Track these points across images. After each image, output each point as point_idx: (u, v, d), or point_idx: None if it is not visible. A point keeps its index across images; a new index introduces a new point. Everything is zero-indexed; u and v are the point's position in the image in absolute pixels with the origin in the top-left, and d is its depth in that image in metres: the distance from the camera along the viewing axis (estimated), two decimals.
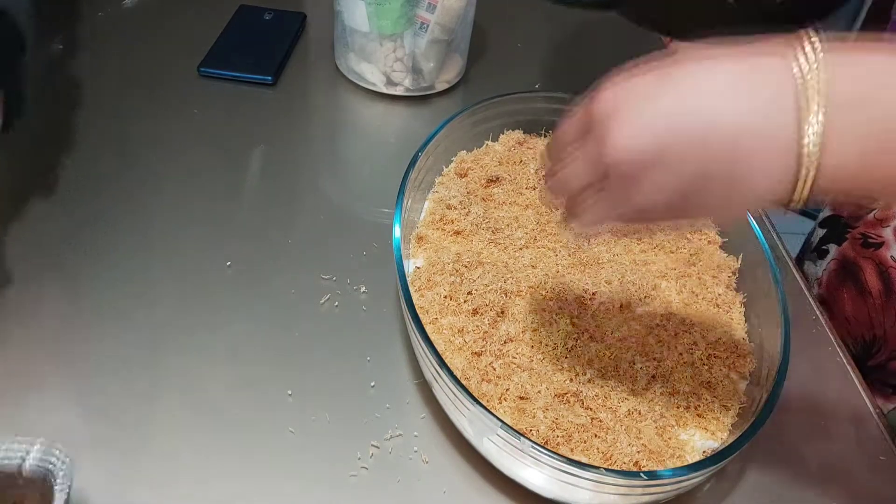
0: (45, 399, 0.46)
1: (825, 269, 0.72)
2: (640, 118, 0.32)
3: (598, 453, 0.43)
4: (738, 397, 0.48)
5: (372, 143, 0.72)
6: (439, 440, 0.47)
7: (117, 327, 0.51)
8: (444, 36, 0.71)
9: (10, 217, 0.57)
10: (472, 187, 0.60)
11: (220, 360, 0.50)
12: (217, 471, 0.44)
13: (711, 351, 0.50)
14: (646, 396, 0.47)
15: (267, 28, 0.81)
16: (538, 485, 0.43)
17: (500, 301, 0.50)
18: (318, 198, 0.63)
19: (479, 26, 0.77)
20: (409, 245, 0.55)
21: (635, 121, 0.32)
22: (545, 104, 0.66)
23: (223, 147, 0.67)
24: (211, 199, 0.62)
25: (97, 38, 0.78)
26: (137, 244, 0.57)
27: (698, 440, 0.46)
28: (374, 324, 0.54)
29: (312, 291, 0.55)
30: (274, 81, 0.75)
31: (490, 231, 0.56)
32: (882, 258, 0.64)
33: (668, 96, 0.31)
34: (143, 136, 0.67)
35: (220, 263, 0.56)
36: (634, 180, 0.32)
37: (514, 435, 0.39)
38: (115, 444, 0.44)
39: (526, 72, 0.83)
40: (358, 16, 0.69)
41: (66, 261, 0.55)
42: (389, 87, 0.75)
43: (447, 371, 0.41)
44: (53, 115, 0.68)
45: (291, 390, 0.48)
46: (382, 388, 0.49)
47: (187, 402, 0.47)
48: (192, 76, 0.74)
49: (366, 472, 0.45)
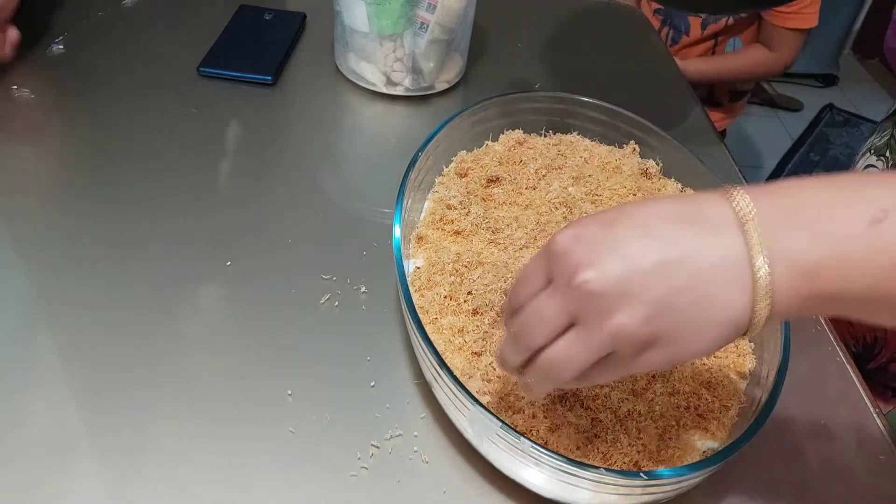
0: (46, 400, 0.46)
1: None
2: (602, 246, 0.33)
3: (598, 453, 0.43)
4: (738, 397, 0.48)
5: (372, 143, 0.72)
6: (439, 440, 0.47)
7: (117, 327, 0.51)
8: (444, 36, 0.71)
9: (9, 214, 0.57)
10: (472, 187, 0.60)
11: (219, 360, 0.50)
12: (217, 471, 0.44)
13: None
14: (646, 396, 0.47)
15: (267, 28, 0.81)
16: (538, 485, 0.43)
17: (500, 301, 0.50)
18: (318, 198, 0.63)
19: (479, 26, 0.77)
20: (409, 245, 0.55)
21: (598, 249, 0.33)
22: (545, 104, 0.66)
23: (223, 147, 0.67)
24: (211, 200, 0.61)
25: (97, 38, 0.78)
26: (137, 244, 0.57)
27: (698, 440, 0.46)
28: (374, 324, 0.54)
29: (312, 291, 0.55)
30: (274, 81, 0.75)
31: (490, 231, 0.56)
32: None
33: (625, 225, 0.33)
34: (143, 135, 0.67)
35: (220, 263, 0.56)
36: (612, 305, 0.32)
37: (514, 435, 0.39)
38: (114, 444, 0.44)
39: (526, 72, 0.83)
40: (358, 16, 0.69)
41: (64, 259, 0.55)
42: (389, 87, 0.75)
43: (447, 371, 0.41)
44: (53, 115, 0.68)
45: (291, 390, 0.48)
46: (382, 388, 0.49)
47: (187, 401, 0.47)
48: (192, 76, 0.74)
49: (366, 472, 0.45)
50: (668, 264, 0.32)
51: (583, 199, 0.60)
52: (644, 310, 0.32)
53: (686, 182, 0.63)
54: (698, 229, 0.32)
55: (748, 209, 0.32)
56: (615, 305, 0.32)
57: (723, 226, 0.32)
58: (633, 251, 0.32)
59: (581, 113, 0.66)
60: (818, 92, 2.68)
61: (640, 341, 0.32)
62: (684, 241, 0.32)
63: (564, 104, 0.66)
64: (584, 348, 0.33)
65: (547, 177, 0.61)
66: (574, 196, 0.60)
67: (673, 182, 0.63)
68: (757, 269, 0.31)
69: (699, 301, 0.32)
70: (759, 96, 2.62)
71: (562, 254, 0.34)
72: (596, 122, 0.66)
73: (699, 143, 0.75)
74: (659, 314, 0.32)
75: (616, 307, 0.32)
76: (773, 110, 2.59)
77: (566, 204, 0.59)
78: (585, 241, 0.33)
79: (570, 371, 0.34)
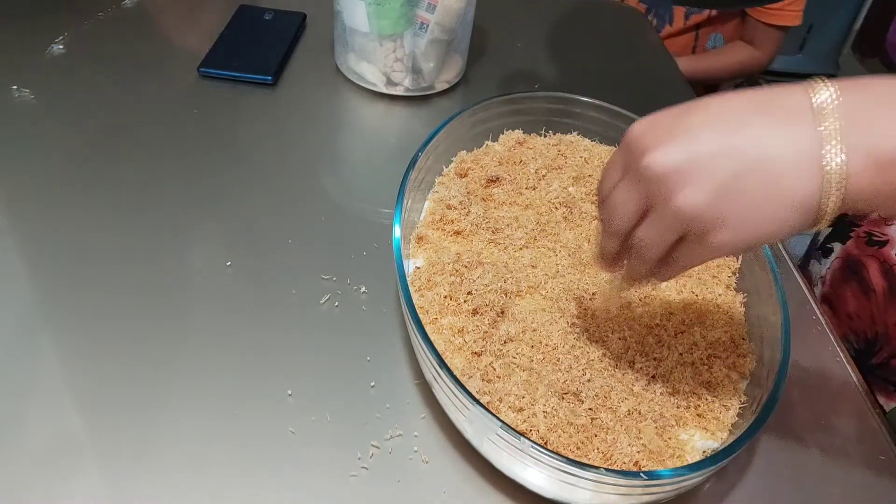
0: (46, 401, 0.46)
1: (829, 267, 0.72)
2: (669, 132, 0.34)
3: (598, 453, 0.43)
4: (738, 397, 0.48)
5: (372, 143, 0.72)
6: (439, 440, 0.47)
7: (117, 328, 0.51)
8: (444, 36, 0.71)
9: (9, 214, 0.57)
10: (472, 187, 0.60)
11: (219, 360, 0.50)
12: (217, 471, 0.44)
13: (711, 351, 0.50)
14: (646, 396, 0.47)
15: (267, 28, 0.81)
16: (538, 485, 0.43)
17: (500, 301, 0.50)
18: (318, 198, 0.63)
19: (479, 26, 0.77)
20: (409, 245, 0.55)
21: (665, 135, 0.34)
22: (545, 104, 0.66)
23: (223, 147, 0.67)
24: (211, 200, 0.62)
25: (97, 38, 0.78)
26: (137, 244, 0.57)
27: (698, 440, 0.46)
28: (374, 324, 0.54)
29: (312, 291, 0.55)
30: (274, 81, 0.75)
31: (490, 231, 0.56)
32: (886, 256, 0.64)
33: (696, 114, 0.34)
34: (143, 136, 0.67)
35: (220, 263, 0.56)
36: (675, 185, 0.33)
37: (514, 435, 0.39)
38: (114, 444, 0.44)
39: (526, 72, 0.83)
40: (358, 16, 0.69)
41: (64, 260, 0.55)
42: (389, 87, 0.75)
43: (447, 371, 0.41)
44: (53, 115, 0.68)
45: (291, 390, 0.48)
46: (382, 388, 0.49)
47: (187, 401, 0.47)
48: (192, 76, 0.74)
49: (366, 472, 0.45)
50: (733, 147, 0.33)
51: (583, 199, 0.60)
52: (707, 189, 0.33)
53: None
54: (770, 118, 0.33)
55: (830, 99, 0.32)
56: (679, 186, 0.33)
57: (797, 114, 0.32)
58: (699, 136, 0.33)
59: (581, 113, 0.66)
60: None
61: (707, 221, 0.33)
62: (753, 127, 0.33)
63: (564, 104, 0.66)
64: (657, 229, 0.35)
65: (547, 177, 0.62)
66: (574, 196, 0.60)
67: None
68: (832, 158, 0.31)
69: (765, 183, 0.32)
70: None
71: (634, 141, 0.35)
72: (596, 122, 0.66)
73: None
74: (723, 194, 0.33)
75: (679, 187, 0.33)
76: None
77: (566, 204, 0.59)
78: (655, 127, 0.35)
79: (653, 251, 0.37)
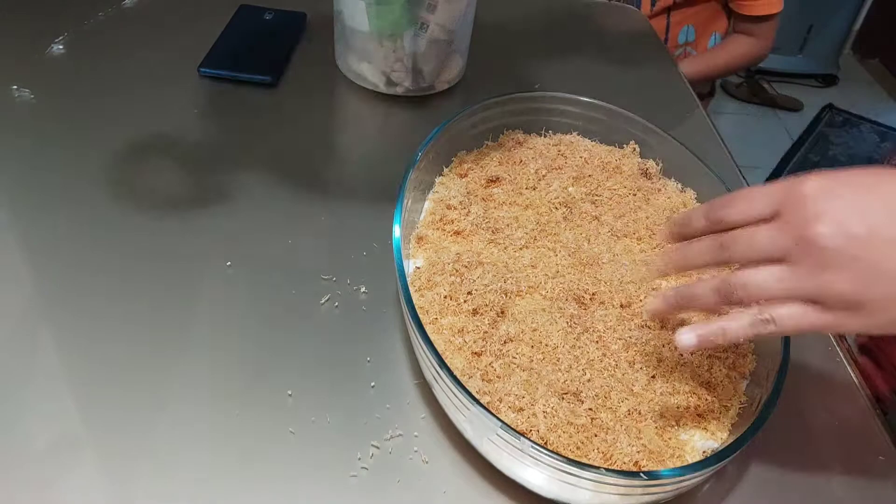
0: (46, 401, 0.46)
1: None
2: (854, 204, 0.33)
3: (598, 453, 0.43)
4: (738, 397, 0.48)
5: (372, 143, 0.72)
6: (439, 440, 0.47)
7: (116, 327, 0.51)
8: (444, 36, 0.71)
9: (9, 214, 0.57)
10: (472, 187, 0.60)
11: (220, 360, 0.50)
12: (217, 471, 0.44)
13: (711, 351, 0.50)
14: (646, 396, 0.47)
15: (267, 28, 0.81)
16: (538, 485, 0.43)
17: (500, 301, 0.50)
18: (318, 198, 0.63)
19: (479, 26, 0.77)
20: (409, 245, 0.55)
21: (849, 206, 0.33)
22: (545, 104, 0.66)
23: (223, 147, 0.67)
24: (211, 200, 0.61)
25: (97, 37, 0.78)
26: (137, 244, 0.57)
27: (698, 440, 0.46)
28: (374, 324, 0.54)
29: (312, 291, 0.55)
30: (274, 81, 0.75)
31: (490, 231, 0.56)
32: None
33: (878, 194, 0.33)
34: (144, 136, 0.67)
35: (220, 263, 0.56)
36: (831, 260, 0.33)
37: (514, 435, 0.39)
38: (114, 444, 0.44)
39: (526, 72, 0.83)
40: (358, 16, 0.69)
41: (64, 260, 0.55)
42: (389, 88, 0.75)
43: (447, 371, 0.41)
44: (53, 115, 0.68)
45: (291, 390, 0.48)
46: (382, 388, 0.49)
47: (187, 401, 0.47)
48: (192, 76, 0.74)
49: (366, 472, 0.45)
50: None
51: (583, 199, 0.60)
52: (864, 276, 0.32)
53: (686, 182, 0.63)
54: None
55: None
56: (838, 264, 0.33)
57: None
58: (878, 221, 0.33)
59: (581, 113, 0.66)
60: (818, 92, 2.68)
61: (845, 301, 0.33)
62: None
63: (564, 104, 0.66)
64: (788, 285, 0.35)
65: (547, 177, 0.61)
66: (574, 196, 0.60)
67: (673, 182, 0.63)
68: None
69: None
70: (760, 96, 2.62)
71: (807, 199, 0.35)
72: (596, 122, 0.66)
73: (699, 143, 0.75)
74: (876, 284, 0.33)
75: (838, 266, 0.33)
76: (772, 110, 2.59)
77: (566, 204, 0.59)
78: (835, 196, 0.34)
79: (762, 294, 0.36)
